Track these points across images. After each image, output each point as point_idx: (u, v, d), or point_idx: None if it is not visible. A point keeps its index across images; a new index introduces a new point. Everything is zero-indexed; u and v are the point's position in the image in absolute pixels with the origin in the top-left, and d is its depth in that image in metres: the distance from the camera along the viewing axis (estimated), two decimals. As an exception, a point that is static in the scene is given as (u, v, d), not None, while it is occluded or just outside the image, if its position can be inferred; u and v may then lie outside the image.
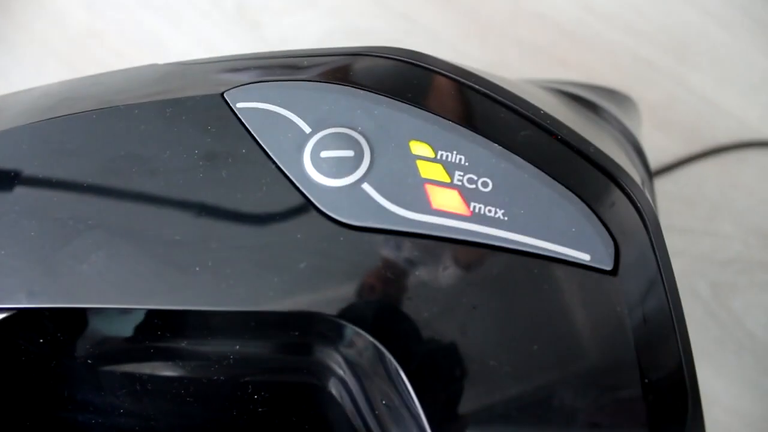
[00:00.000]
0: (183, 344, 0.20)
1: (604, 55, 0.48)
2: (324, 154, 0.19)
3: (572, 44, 0.48)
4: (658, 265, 0.19)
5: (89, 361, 0.21)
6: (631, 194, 0.20)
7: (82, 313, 0.20)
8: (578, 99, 0.30)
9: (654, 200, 0.31)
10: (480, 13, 0.49)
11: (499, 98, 0.21)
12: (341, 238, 0.18)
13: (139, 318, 0.20)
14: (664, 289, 0.19)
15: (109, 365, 0.21)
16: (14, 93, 0.27)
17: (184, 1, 0.49)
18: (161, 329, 0.20)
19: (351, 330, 0.18)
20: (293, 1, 0.49)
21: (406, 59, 0.21)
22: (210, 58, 0.24)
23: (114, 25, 0.49)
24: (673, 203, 0.45)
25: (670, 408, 0.19)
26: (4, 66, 0.47)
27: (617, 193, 0.20)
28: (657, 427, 0.18)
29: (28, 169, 0.21)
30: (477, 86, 0.21)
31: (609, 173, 0.20)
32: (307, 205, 0.19)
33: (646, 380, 0.18)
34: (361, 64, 0.22)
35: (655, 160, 0.43)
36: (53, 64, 0.47)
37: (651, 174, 0.32)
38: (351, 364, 0.19)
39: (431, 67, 0.21)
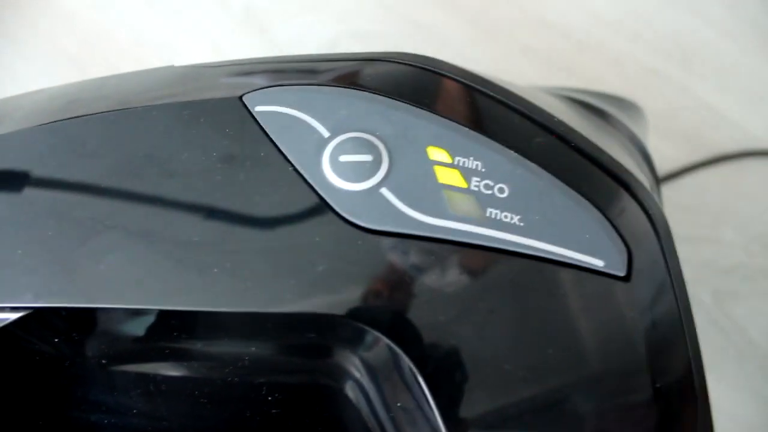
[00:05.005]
0: (198, 345, 0.20)
1: (609, 63, 0.48)
2: (343, 158, 0.19)
3: (578, 52, 0.48)
4: (669, 272, 0.20)
5: (103, 361, 0.21)
6: (643, 201, 0.20)
7: (98, 313, 0.20)
8: (587, 106, 0.31)
9: (661, 206, 0.32)
10: (487, 19, 0.49)
11: (514, 105, 0.21)
12: (359, 242, 0.19)
13: (155, 319, 0.20)
14: (675, 295, 0.19)
15: (124, 365, 0.21)
16: (26, 93, 0.27)
17: (193, 3, 0.49)
18: (177, 330, 0.20)
19: (368, 333, 0.18)
20: (301, 5, 0.50)
21: (422, 65, 0.22)
22: (226, 61, 0.24)
23: (122, 26, 0.49)
24: (676, 211, 0.46)
25: (679, 413, 0.19)
26: (14, 65, 0.47)
27: (629, 201, 0.20)
28: (667, 430, 0.18)
29: (45, 169, 0.21)
30: (492, 93, 0.21)
31: (621, 180, 0.20)
32: (326, 209, 0.19)
33: (657, 385, 0.18)
34: (377, 69, 0.22)
35: (658, 168, 0.44)
36: (62, 64, 0.47)
37: (658, 180, 0.33)
38: (367, 367, 0.19)
39: (447, 74, 0.22)
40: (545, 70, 0.48)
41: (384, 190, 0.19)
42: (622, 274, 0.19)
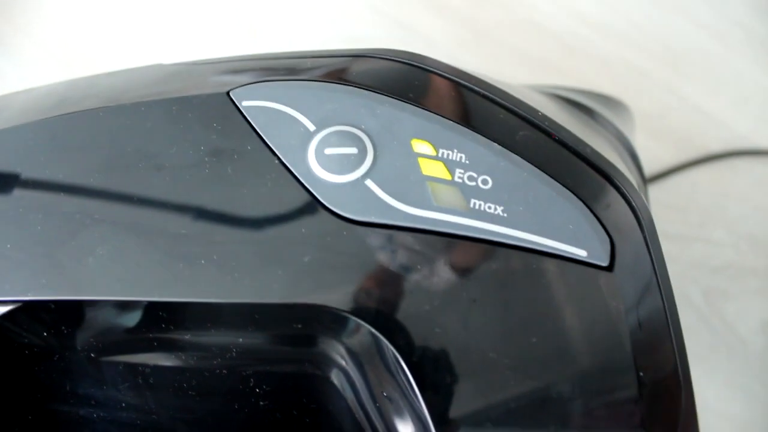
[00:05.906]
0: (186, 337, 0.20)
1: (597, 65, 0.49)
2: (328, 151, 0.20)
3: (567, 53, 0.49)
4: (653, 262, 0.20)
5: (92, 355, 0.21)
6: (627, 194, 0.21)
7: (87, 305, 0.20)
8: (574, 103, 0.31)
9: (648, 203, 0.32)
10: (475, 21, 0.50)
11: (498, 99, 0.21)
12: (345, 233, 0.19)
13: (143, 310, 0.20)
14: (659, 285, 0.20)
15: (112, 358, 0.21)
16: (16, 92, 0.27)
17: (183, 6, 0.49)
18: (165, 322, 0.20)
19: (353, 322, 0.18)
20: (291, 9, 0.50)
21: (407, 61, 0.22)
22: (214, 59, 0.24)
23: (112, 29, 0.49)
24: (666, 210, 0.46)
25: (663, 401, 0.19)
26: (3, 69, 0.47)
27: (613, 193, 0.21)
28: (651, 418, 0.19)
29: (35, 165, 0.21)
30: (476, 87, 0.21)
31: (605, 173, 0.21)
32: (312, 201, 0.19)
33: (641, 374, 0.19)
34: (363, 65, 0.22)
35: (647, 168, 0.44)
36: (52, 67, 0.47)
37: (645, 178, 0.33)
38: (353, 356, 0.19)
39: (431, 69, 0.22)
40: (534, 72, 0.48)
41: (369, 182, 0.19)
42: (604, 264, 0.19)
